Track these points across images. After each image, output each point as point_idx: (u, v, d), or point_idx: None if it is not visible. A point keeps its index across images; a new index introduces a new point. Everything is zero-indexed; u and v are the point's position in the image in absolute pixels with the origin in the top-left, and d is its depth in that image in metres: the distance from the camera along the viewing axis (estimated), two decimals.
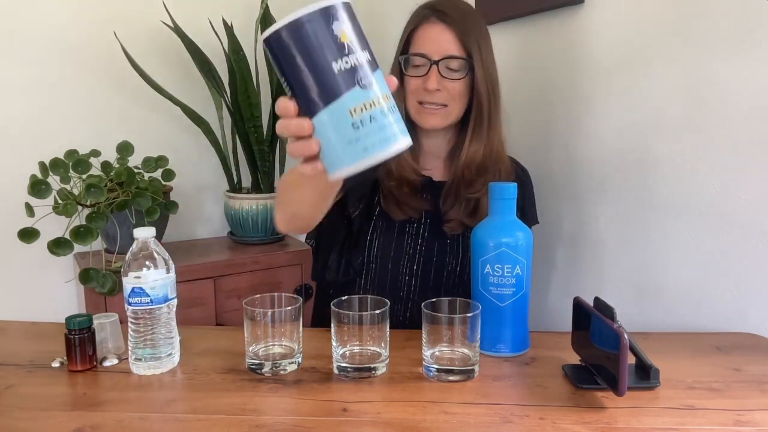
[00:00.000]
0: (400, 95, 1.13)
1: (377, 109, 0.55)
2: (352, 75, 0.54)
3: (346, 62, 0.53)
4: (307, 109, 0.55)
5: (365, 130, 0.54)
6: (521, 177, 1.20)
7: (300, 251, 1.77)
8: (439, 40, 1.07)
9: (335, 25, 0.52)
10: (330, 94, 0.54)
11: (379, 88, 0.55)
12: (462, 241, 1.15)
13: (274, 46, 0.54)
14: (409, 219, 1.15)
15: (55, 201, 1.42)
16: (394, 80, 0.60)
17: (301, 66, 0.53)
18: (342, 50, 0.53)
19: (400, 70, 1.12)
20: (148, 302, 0.86)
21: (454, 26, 1.07)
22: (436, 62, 1.07)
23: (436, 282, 1.15)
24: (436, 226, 1.15)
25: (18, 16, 1.64)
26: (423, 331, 0.85)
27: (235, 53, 1.67)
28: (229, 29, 1.70)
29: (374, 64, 0.56)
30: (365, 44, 0.55)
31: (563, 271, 1.41)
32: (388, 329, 0.87)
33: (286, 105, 0.58)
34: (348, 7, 0.55)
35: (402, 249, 1.14)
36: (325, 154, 0.56)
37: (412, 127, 1.14)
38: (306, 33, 0.52)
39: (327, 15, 0.52)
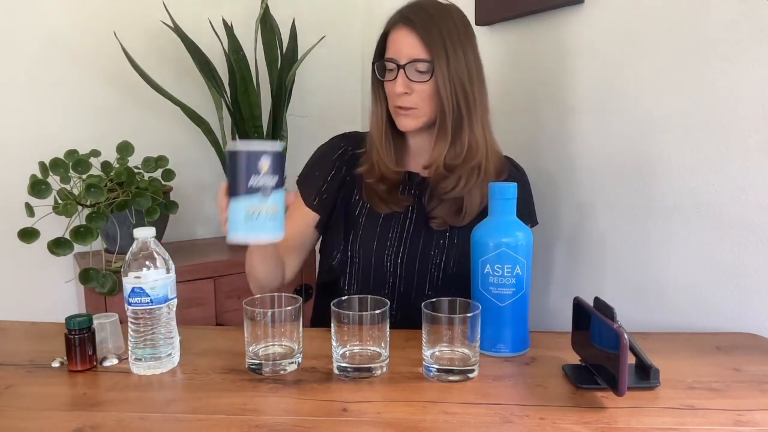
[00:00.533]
0: (381, 101, 1.16)
1: (264, 213, 0.87)
2: (259, 188, 0.86)
3: (258, 180, 0.86)
4: (231, 193, 0.88)
5: (252, 221, 0.87)
6: (515, 176, 1.20)
7: None
8: (404, 45, 1.10)
9: (262, 160, 0.86)
10: (242, 192, 0.87)
11: (273, 200, 0.87)
12: (448, 236, 1.15)
13: (232, 156, 0.87)
14: (394, 212, 1.16)
15: (55, 201, 1.42)
16: (292, 196, 0.91)
17: (238, 172, 0.87)
18: (259, 173, 0.86)
19: (376, 76, 1.14)
20: (148, 302, 0.86)
21: (418, 30, 1.09)
22: (403, 66, 1.09)
23: (421, 276, 1.14)
24: (421, 220, 1.15)
25: (18, 16, 1.64)
26: (423, 331, 0.85)
27: (235, 53, 1.67)
28: (229, 29, 1.71)
29: (280, 186, 0.88)
30: (278, 173, 0.87)
31: (563, 271, 1.41)
32: (388, 329, 0.87)
33: (222, 186, 0.92)
34: (276, 155, 0.87)
35: (386, 242, 1.15)
36: (228, 224, 0.88)
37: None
38: (246, 157, 0.86)
39: (260, 154, 0.86)
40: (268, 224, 0.88)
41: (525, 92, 1.47)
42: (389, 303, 0.87)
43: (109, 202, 1.44)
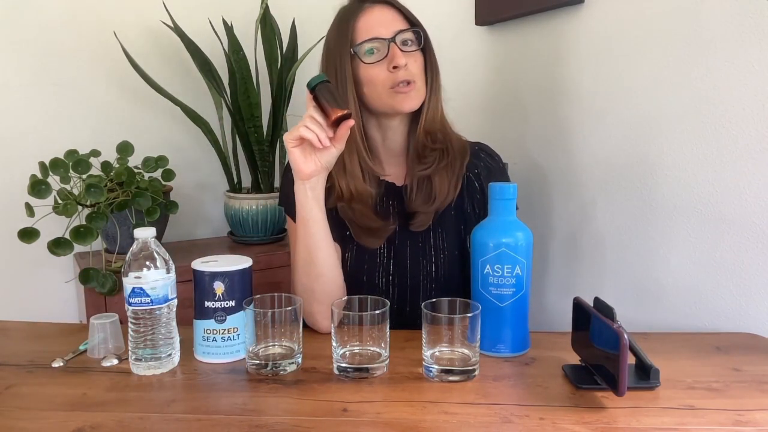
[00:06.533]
0: (357, 99, 1.08)
1: (220, 336, 0.91)
2: (214, 312, 0.90)
3: (213, 304, 0.90)
4: (195, 315, 0.92)
5: (209, 342, 0.91)
6: (482, 159, 1.18)
7: None
8: (384, 20, 1.06)
9: (216, 283, 0.90)
10: (201, 314, 0.91)
11: (229, 324, 0.91)
12: (432, 241, 1.13)
13: (193, 273, 0.91)
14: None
15: (55, 201, 1.41)
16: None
17: (197, 294, 0.91)
18: (214, 297, 0.90)
19: (351, 67, 1.06)
20: (148, 302, 0.86)
21: (390, 2, 1.08)
22: (392, 39, 1.05)
23: (414, 288, 1.13)
24: (404, 231, 1.13)
25: (18, 15, 1.64)
26: (423, 332, 0.85)
27: (235, 53, 1.67)
28: (229, 29, 1.70)
29: (239, 308, 0.90)
30: (235, 297, 0.90)
31: (563, 271, 1.41)
32: (388, 329, 0.87)
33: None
34: (235, 275, 0.91)
35: (375, 260, 1.12)
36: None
37: (369, 130, 1.13)
38: (203, 279, 0.90)
39: (216, 275, 0.90)
40: (222, 349, 0.91)
41: (525, 92, 1.47)
42: (389, 303, 0.87)
43: (109, 202, 1.44)
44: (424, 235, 1.13)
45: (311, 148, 0.97)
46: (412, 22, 1.09)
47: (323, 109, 0.95)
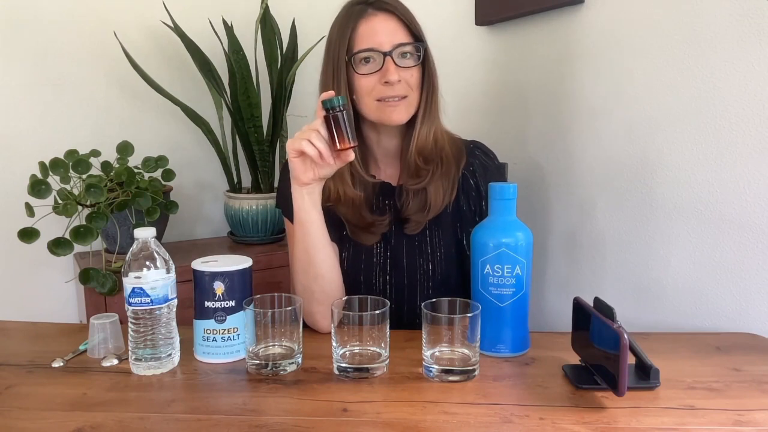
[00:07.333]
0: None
1: (220, 336, 0.91)
2: (214, 312, 0.91)
3: (213, 304, 0.90)
4: (195, 315, 0.92)
5: (209, 342, 0.91)
6: (480, 160, 1.17)
7: None
8: (385, 31, 1.04)
9: (216, 283, 0.90)
10: (201, 314, 0.91)
11: (229, 324, 0.91)
12: (428, 240, 1.13)
13: (193, 273, 0.92)
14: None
15: (55, 201, 1.42)
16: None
17: (197, 294, 0.91)
18: (214, 297, 0.90)
19: (346, 72, 1.06)
20: (148, 302, 0.86)
21: (396, 13, 1.05)
22: (389, 53, 1.03)
23: (411, 288, 1.12)
24: (400, 230, 1.13)
25: (18, 15, 1.64)
26: (423, 332, 0.85)
27: (235, 53, 1.67)
28: (229, 29, 1.70)
29: (239, 308, 0.90)
30: (235, 297, 0.90)
31: (563, 271, 1.41)
32: (388, 329, 0.87)
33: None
34: (235, 275, 0.91)
35: (372, 259, 1.12)
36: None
37: (364, 129, 1.13)
38: (203, 279, 0.90)
39: (216, 275, 0.90)
40: (224, 347, 0.91)
41: (525, 92, 1.47)
42: (389, 303, 0.87)
43: (109, 202, 1.44)
44: (420, 234, 1.13)
45: (312, 160, 0.97)
46: (415, 36, 1.07)
47: (331, 133, 0.94)
